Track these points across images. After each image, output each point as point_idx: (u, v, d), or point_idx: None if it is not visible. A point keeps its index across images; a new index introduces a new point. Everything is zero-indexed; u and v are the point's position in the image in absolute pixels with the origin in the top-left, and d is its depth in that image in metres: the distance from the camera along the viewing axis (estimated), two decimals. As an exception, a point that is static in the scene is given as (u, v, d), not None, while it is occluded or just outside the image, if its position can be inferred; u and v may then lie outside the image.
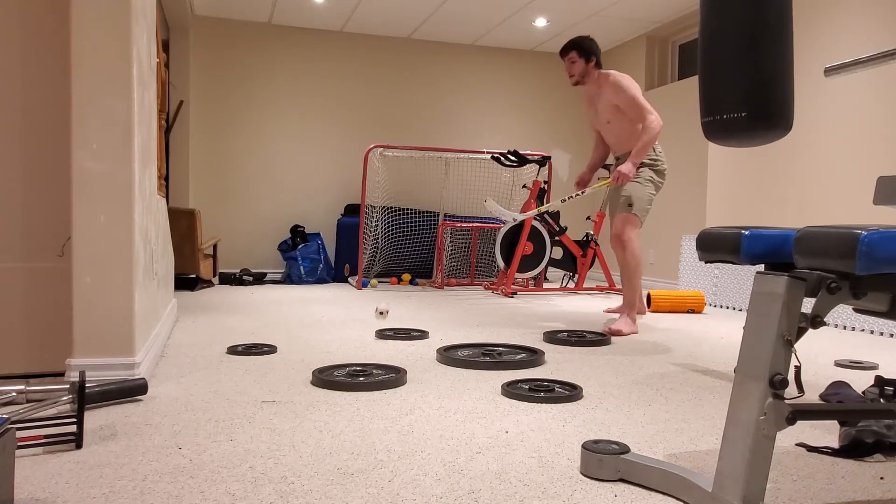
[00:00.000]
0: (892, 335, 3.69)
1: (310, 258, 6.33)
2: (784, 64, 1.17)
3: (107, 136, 2.19)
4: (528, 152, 6.19)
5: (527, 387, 2.27)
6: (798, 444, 1.77)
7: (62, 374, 2.28)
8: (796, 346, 1.19)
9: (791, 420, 1.18)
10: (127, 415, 1.94)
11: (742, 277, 4.80)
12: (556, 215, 5.80)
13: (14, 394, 2.00)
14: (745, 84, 1.19)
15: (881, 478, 1.54)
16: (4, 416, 1.73)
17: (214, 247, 6.11)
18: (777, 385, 1.18)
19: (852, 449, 1.68)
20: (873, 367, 2.80)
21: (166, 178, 5.50)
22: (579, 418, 1.98)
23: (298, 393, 2.22)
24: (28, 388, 2.02)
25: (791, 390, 1.22)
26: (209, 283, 5.82)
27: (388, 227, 6.44)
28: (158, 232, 3.00)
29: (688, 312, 4.57)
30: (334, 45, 6.92)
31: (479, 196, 7.00)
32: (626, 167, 3.69)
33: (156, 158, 2.90)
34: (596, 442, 1.57)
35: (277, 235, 6.76)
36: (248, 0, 6.07)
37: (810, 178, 4.39)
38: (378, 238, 6.35)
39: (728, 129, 1.23)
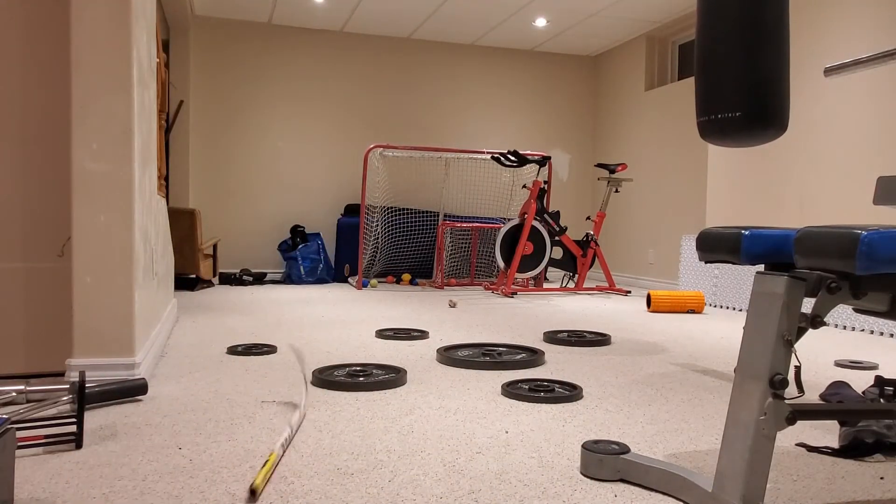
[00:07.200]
0: (892, 335, 3.69)
1: (310, 258, 6.33)
2: (780, 64, 1.17)
3: (107, 136, 2.19)
4: (528, 152, 6.19)
5: (527, 387, 2.27)
6: (798, 444, 1.77)
7: (62, 374, 2.28)
8: (796, 346, 1.19)
9: (791, 420, 1.18)
10: (127, 415, 1.94)
11: (742, 277, 4.79)
12: (555, 215, 5.80)
13: (14, 394, 2.00)
14: (740, 84, 1.19)
15: (881, 478, 1.54)
16: (4, 416, 1.73)
17: (214, 247, 6.11)
18: (777, 385, 1.18)
19: (852, 449, 1.68)
20: (873, 367, 2.80)
21: (166, 178, 5.50)
22: (579, 418, 1.98)
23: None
24: (28, 388, 2.02)
25: (791, 390, 1.22)
26: (209, 283, 5.82)
27: (388, 227, 6.44)
28: (158, 232, 3.00)
29: (688, 312, 4.57)
30: (334, 45, 6.92)
31: (479, 196, 7.01)
32: None
33: (156, 158, 2.90)
34: (596, 442, 1.57)
35: (277, 235, 6.76)
36: (248, 0, 6.07)
37: (810, 178, 4.39)
38: (378, 238, 6.35)
39: (724, 129, 1.23)
